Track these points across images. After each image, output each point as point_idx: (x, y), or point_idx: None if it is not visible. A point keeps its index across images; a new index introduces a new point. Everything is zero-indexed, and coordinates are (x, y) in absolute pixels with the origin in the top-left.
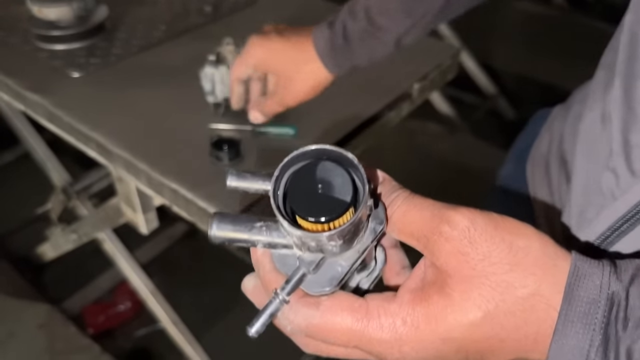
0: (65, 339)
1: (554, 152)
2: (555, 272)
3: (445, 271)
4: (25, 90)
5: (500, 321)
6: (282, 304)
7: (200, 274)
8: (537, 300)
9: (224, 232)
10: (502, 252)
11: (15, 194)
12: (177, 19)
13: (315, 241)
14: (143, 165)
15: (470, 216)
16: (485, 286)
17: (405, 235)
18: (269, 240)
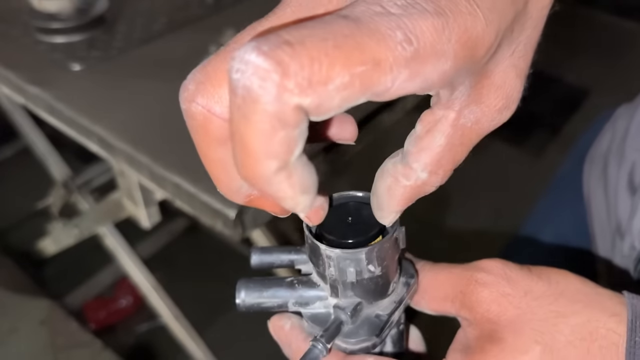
0: (66, 334)
1: (614, 150)
2: (601, 299)
3: (490, 320)
4: (25, 83)
5: (562, 354)
6: (321, 352)
7: (201, 269)
8: (594, 326)
9: (252, 297)
10: (542, 287)
11: (16, 188)
12: (177, 11)
13: (354, 263)
14: (145, 159)
15: (502, 261)
16: (535, 320)
17: (438, 301)
18: (300, 295)
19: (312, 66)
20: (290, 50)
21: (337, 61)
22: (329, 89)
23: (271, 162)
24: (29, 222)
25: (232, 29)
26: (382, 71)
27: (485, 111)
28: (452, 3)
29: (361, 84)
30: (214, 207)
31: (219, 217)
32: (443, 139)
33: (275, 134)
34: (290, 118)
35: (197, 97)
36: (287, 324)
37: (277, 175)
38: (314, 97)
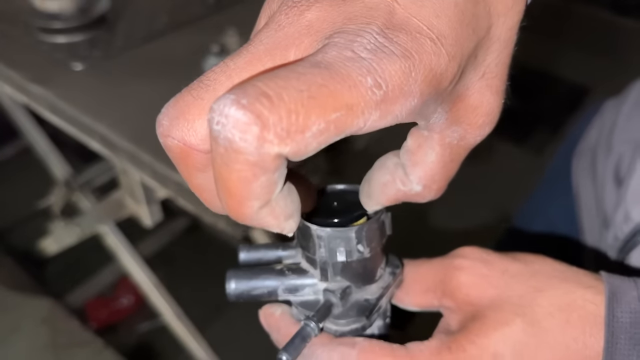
0: (68, 333)
1: (602, 143)
2: (576, 275)
3: (470, 303)
4: (28, 82)
5: (542, 325)
6: (313, 330)
7: (202, 268)
8: (571, 298)
9: (242, 284)
10: (519, 266)
11: (17, 188)
12: (179, 10)
13: (344, 243)
14: (147, 157)
15: (478, 247)
16: (514, 296)
17: (421, 294)
18: (290, 281)
19: (290, 117)
20: (268, 104)
21: (313, 111)
22: (306, 136)
23: (253, 202)
24: (31, 221)
25: (233, 28)
26: (355, 115)
27: (467, 129)
28: (418, 44)
29: (336, 128)
30: None
31: (221, 215)
32: (434, 155)
33: (257, 180)
34: (270, 165)
35: (172, 131)
36: (277, 311)
37: (260, 212)
38: (292, 145)
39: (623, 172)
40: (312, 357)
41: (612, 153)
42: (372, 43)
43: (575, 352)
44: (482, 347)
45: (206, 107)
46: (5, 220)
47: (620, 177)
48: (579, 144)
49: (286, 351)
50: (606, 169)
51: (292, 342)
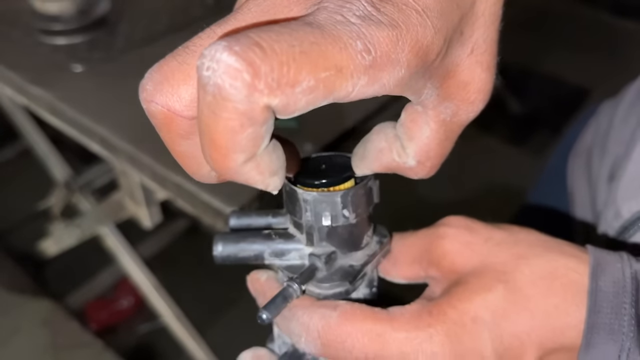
0: (68, 334)
1: (598, 144)
2: (559, 245)
3: (455, 271)
4: (28, 84)
5: (524, 292)
6: (295, 292)
7: (202, 269)
8: (554, 266)
9: (228, 247)
10: (503, 234)
11: (17, 189)
12: (179, 12)
13: (330, 207)
14: (147, 159)
15: (464, 216)
16: (497, 263)
17: (408, 264)
18: (276, 245)
19: (282, 69)
20: (261, 53)
21: (304, 66)
22: (296, 91)
23: (239, 155)
24: (31, 222)
25: None
26: (344, 77)
27: (459, 105)
28: (405, 15)
29: (325, 88)
30: (214, 207)
31: (219, 216)
32: (429, 131)
33: (244, 131)
34: (258, 116)
35: (155, 97)
36: (263, 276)
37: (245, 166)
38: (282, 98)
39: (615, 171)
40: (293, 319)
41: (606, 154)
42: (361, 10)
43: (556, 319)
44: (463, 311)
45: (191, 72)
46: (5, 222)
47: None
48: (575, 144)
49: (267, 309)
50: (601, 170)
51: (273, 302)
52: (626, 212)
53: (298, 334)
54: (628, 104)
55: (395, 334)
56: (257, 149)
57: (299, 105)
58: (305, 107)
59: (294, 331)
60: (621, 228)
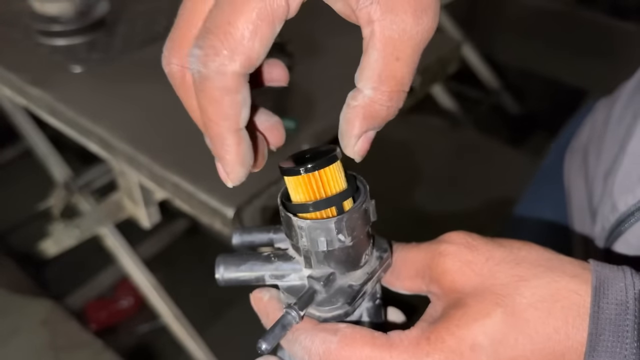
0: (67, 334)
1: (594, 141)
2: (561, 264)
3: (455, 290)
4: (27, 85)
5: (523, 316)
6: (294, 319)
7: (202, 269)
8: (555, 287)
9: (230, 271)
10: (504, 253)
11: (17, 190)
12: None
13: (325, 233)
14: (145, 159)
15: (465, 232)
16: (497, 284)
17: (410, 279)
18: (276, 267)
19: (227, 40)
20: (214, 39)
21: (238, 21)
22: (244, 43)
23: (224, 122)
24: (31, 223)
25: None
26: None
27: (404, 19)
28: None
29: (262, 21)
30: (212, 206)
31: (217, 215)
32: (376, 53)
33: (223, 99)
34: (231, 84)
35: (171, 59)
36: (265, 295)
37: (229, 137)
38: (240, 57)
39: (611, 168)
40: (295, 343)
41: (603, 152)
42: None
43: (556, 343)
44: (461, 338)
45: (193, 36)
46: (5, 222)
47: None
48: (571, 141)
49: (265, 340)
50: (597, 168)
51: (271, 331)
52: (622, 206)
53: (301, 357)
54: (624, 102)
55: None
56: (239, 118)
57: (255, 51)
58: (260, 48)
59: (297, 354)
60: (617, 221)
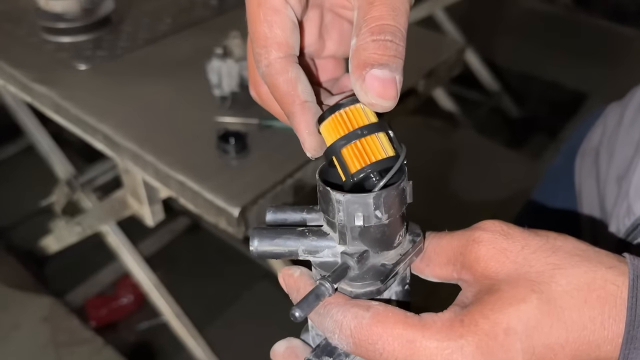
0: (68, 331)
1: (605, 144)
2: (598, 255)
3: (488, 276)
4: (32, 82)
5: (559, 303)
6: (327, 290)
7: (202, 267)
8: (591, 277)
9: (264, 244)
10: (540, 241)
11: (19, 186)
12: (182, 12)
13: (362, 208)
14: (150, 158)
15: (500, 221)
16: (532, 272)
17: (441, 265)
18: (310, 242)
19: (259, 42)
20: (254, 46)
21: (257, 26)
22: (269, 36)
23: (287, 99)
24: (33, 219)
25: (236, 31)
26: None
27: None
28: None
29: (271, 16)
30: (217, 205)
31: (222, 215)
32: (356, 12)
33: (279, 82)
34: (279, 68)
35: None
36: (296, 272)
37: (295, 110)
38: (272, 47)
39: (624, 171)
40: (327, 316)
41: (615, 155)
42: None
43: (592, 333)
44: (495, 322)
45: None
46: (7, 218)
47: (622, 176)
48: (582, 144)
49: (299, 307)
50: (609, 170)
51: (305, 300)
52: (638, 209)
53: (332, 331)
54: (636, 106)
55: (426, 342)
56: (297, 91)
57: (280, 37)
58: (284, 33)
59: (328, 327)
60: (633, 225)
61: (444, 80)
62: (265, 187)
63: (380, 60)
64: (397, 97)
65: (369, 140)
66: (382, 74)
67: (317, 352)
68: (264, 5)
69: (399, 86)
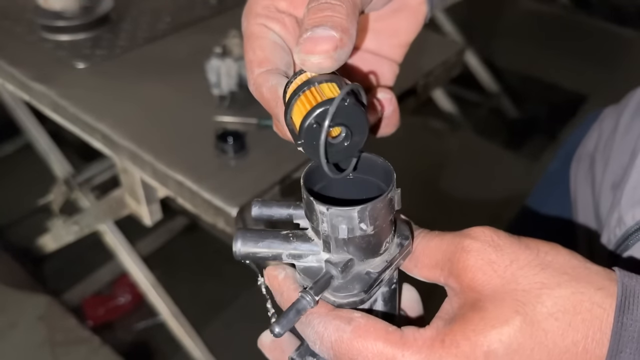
0: (65, 330)
1: (601, 149)
2: (588, 273)
3: (474, 289)
4: (30, 80)
5: (542, 326)
6: (309, 303)
7: (200, 267)
8: (578, 299)
9: (248, 246)
10: (529, 256)
11: (17, 185)
12: (182, 11)
13: (346, 221)
14: (148, 157)
15: (492, 228)
16: (519, 290)
17: (429, 268)
18: (294, 247)
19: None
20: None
21: (247, 50)
22: (253, 65)
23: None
24: (30, 218)
25: (235, 30)
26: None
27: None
28: None
29: (249, 45)
30: (215, 205)
31: (220, 215)
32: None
33: (262, 89)
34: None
35: None
36: (281, 274)
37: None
38: (254, 66)
39: (619, 179)
40: (309, 326)
41: (610, 161)
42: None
43: (573, 356)
44: (476, 344)
45: None
46: (4, 217)
47: (617, 183)
48: (578, 149)
49: (278, 324)
50: (604, 177)
51: (286, 315)
52: (630, 220)
53: (313, 341)
54: (632, 112)
55: (405, 359)
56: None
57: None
58: (262, 53)
59: (309, 337)
60: (624, 236)
61: (443, 81)
62: (263, 187)
63: (312, 23)
64: (334, 52)
65: (308, 93)
66: (312, 34)
67: (301, 351)
68: (249, 36)
69: (338, 43)
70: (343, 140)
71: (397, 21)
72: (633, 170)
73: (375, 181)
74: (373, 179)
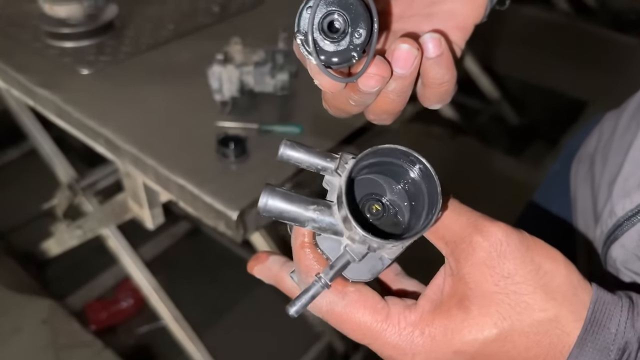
0: (68, 334)
1: (600, 151)
2: (574, 302)
3: (467, 283)
4: (35, 86)
5: (513, 340)
6: (323, 288)
7: (202, 272)
8: (553, 325)
9: (275, 205)
10: (528, 273)
11: (21, 190)
12: (185, 19)
13: (378, 244)
14: (151, 161)
15: (506, 230)
16: (505, 304)
17: (435, 237)
18: (320, 222)
19: None
20: None
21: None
22: None
23: None
24: (34, 223)
25: (236, 37)
26: None
27: None
28: None
29: None
30: (217, 209)
31: (221, 218)
32: None
33: None
34: None
35: None
36: (275, 265)
37: None
38: None
39: (615, 176)
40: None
41: (609, 162)
42: None
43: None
44: (451, 342)
45: None
46: (8, 222)
47: (613, 181)
48: (578, 151)
49: (293, 306)
50: (603, 177)
51: (300, 299)
52: (620, 210)
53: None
54: (630, 115)
55: (386, 338)
56: None
57: None
58: None
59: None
60: (614, 226)
61: None
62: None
63: None
64: None
65: None
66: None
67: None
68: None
69: None
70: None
71: (452, 4)
72: (625, 163)
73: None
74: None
